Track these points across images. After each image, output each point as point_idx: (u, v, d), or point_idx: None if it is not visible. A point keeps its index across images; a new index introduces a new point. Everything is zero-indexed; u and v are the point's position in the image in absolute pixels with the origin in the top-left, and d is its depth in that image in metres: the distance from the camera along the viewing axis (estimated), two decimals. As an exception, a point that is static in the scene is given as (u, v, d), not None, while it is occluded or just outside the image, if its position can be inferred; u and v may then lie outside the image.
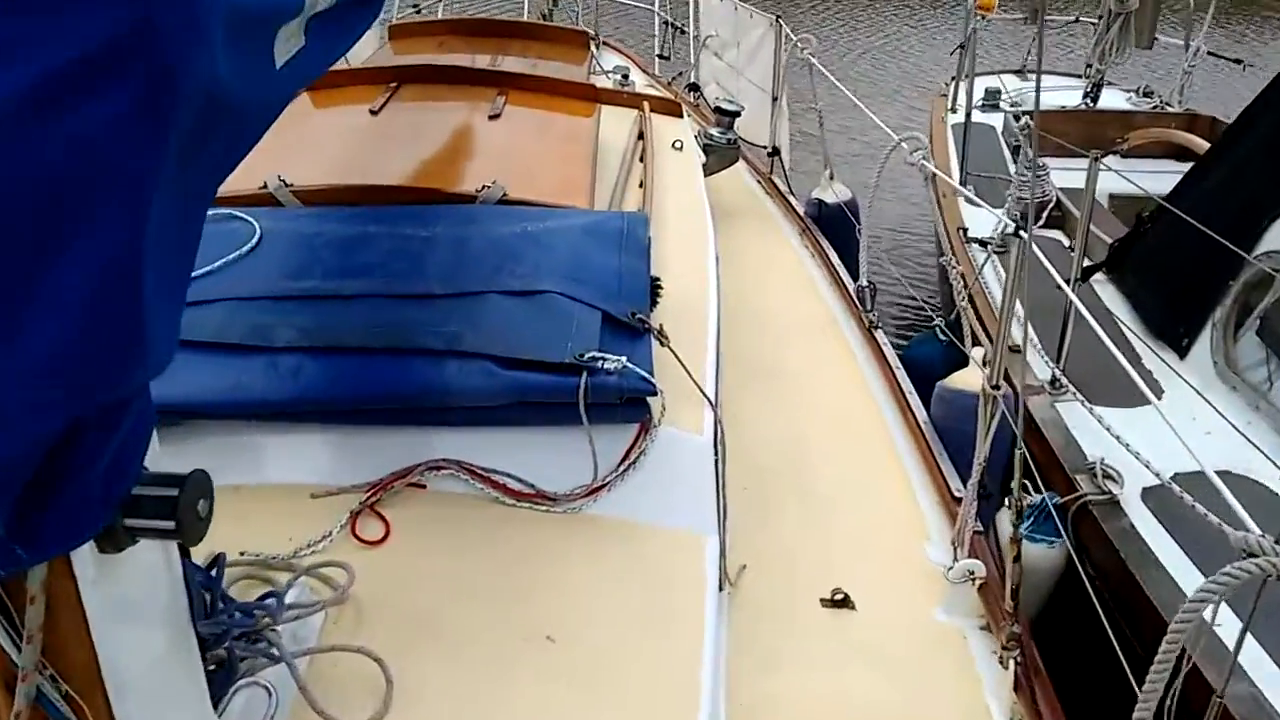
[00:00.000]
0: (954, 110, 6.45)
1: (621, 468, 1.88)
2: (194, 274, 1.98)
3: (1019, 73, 7.36)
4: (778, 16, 4.96)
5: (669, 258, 2.53)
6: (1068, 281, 3.10)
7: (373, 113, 2.91)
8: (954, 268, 3.30)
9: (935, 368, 3.92)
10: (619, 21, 9.70)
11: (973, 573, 2.34)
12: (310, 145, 2.66)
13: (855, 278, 4.32)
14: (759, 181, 5.24)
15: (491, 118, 2.94)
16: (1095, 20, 7.20)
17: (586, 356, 1.81)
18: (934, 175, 3.44)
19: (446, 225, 2.20)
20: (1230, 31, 12.71)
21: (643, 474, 1.90)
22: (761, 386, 3.31)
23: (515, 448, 1.86)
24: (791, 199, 4.94)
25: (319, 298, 1.95)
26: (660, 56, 6.90)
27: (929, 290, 5.81)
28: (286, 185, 2.32)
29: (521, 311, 1.94)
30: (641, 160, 3.18)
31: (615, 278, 2.10)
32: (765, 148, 5.28)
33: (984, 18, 6.55)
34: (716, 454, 2.05)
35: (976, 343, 3.19)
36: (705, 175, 3.86)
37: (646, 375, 1.83)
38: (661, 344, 2.03)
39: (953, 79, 6.86)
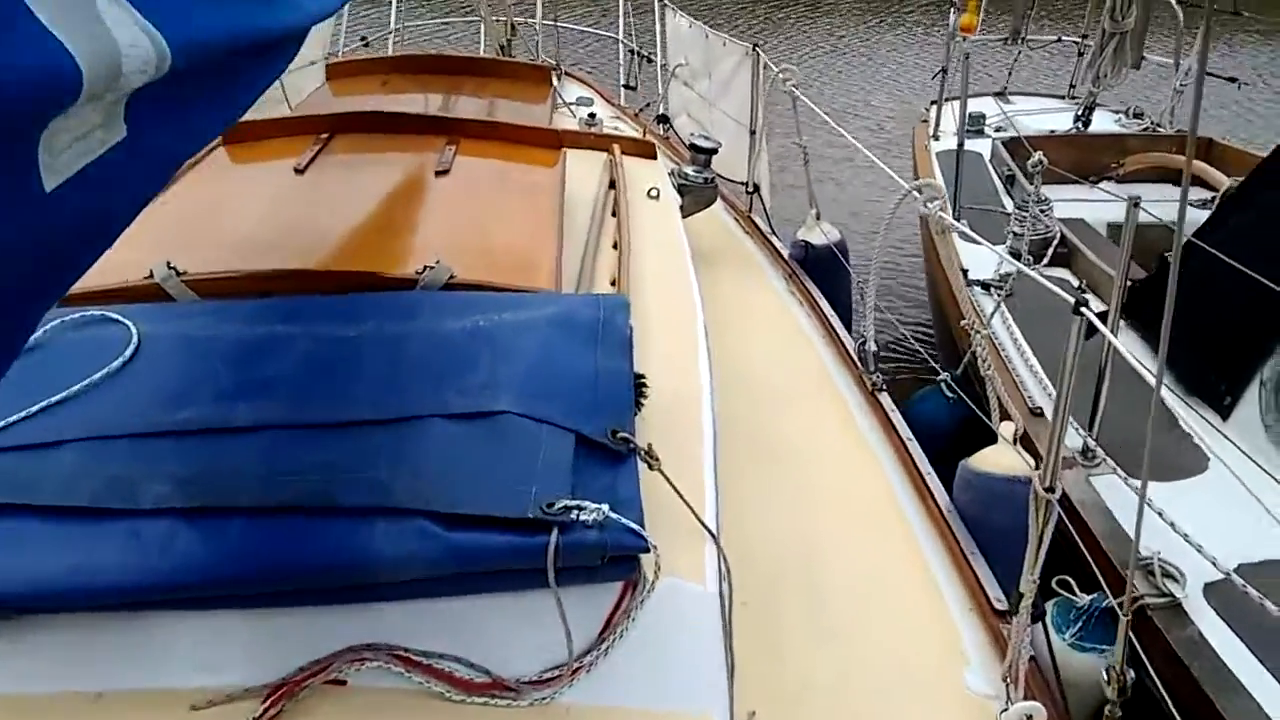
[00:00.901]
0: (936, 137, 6.14)
1: (604, 641, 1.45)
2: (38, 406, 1.54)
3: (1000, 95, 7.06)
4: (754, 45, 4.59)
5: (650, 339, 2.12)
6: (1088, 331, 2.74)
7: (297, 171, 2.48)
8: (974, 330, 2.92)
9: (941, 427, 3.54)
10: (581, 50, 9.32)
11: (1031, 717, 1.94)
12: (218, 217, 2.22)
13: (848, 327, 3.95)
14: (737, 220, 4.86)
15: (439, 173, 2.52)
16: (1078, 40, 6.94)
17: (556, 508, 1.38)
18: (926, 210, 3.06)
19: (378, 320, 1.77)
20: (1221, 47, 12.55)
21: (631, 645, 1.48)
22: (755, 467, 2.90)
23: (461, 622, 1.43)
24: (774, 240, 4.56)
25: (204, 433, 1.51)
26: (626, 86, 6.52)
27: (919, 331, 5.44)
28: (178, 274, 1.88)
29: (471, 443, 1.51)
30: (614, 214, 2.78)
31: (590, 385, 1.68)
32: (743, 184, 4.89)
33: (965, 39, 6.26)
34: (723, 602, 1.64)
35: (1006, 416, 2.80)
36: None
37: (635, 527, 1.41)
38: (651, 467, 1.61)
39: (933, 103, 6.55)
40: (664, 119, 5.98)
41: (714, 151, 4.22)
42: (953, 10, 6.20)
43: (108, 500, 1.37)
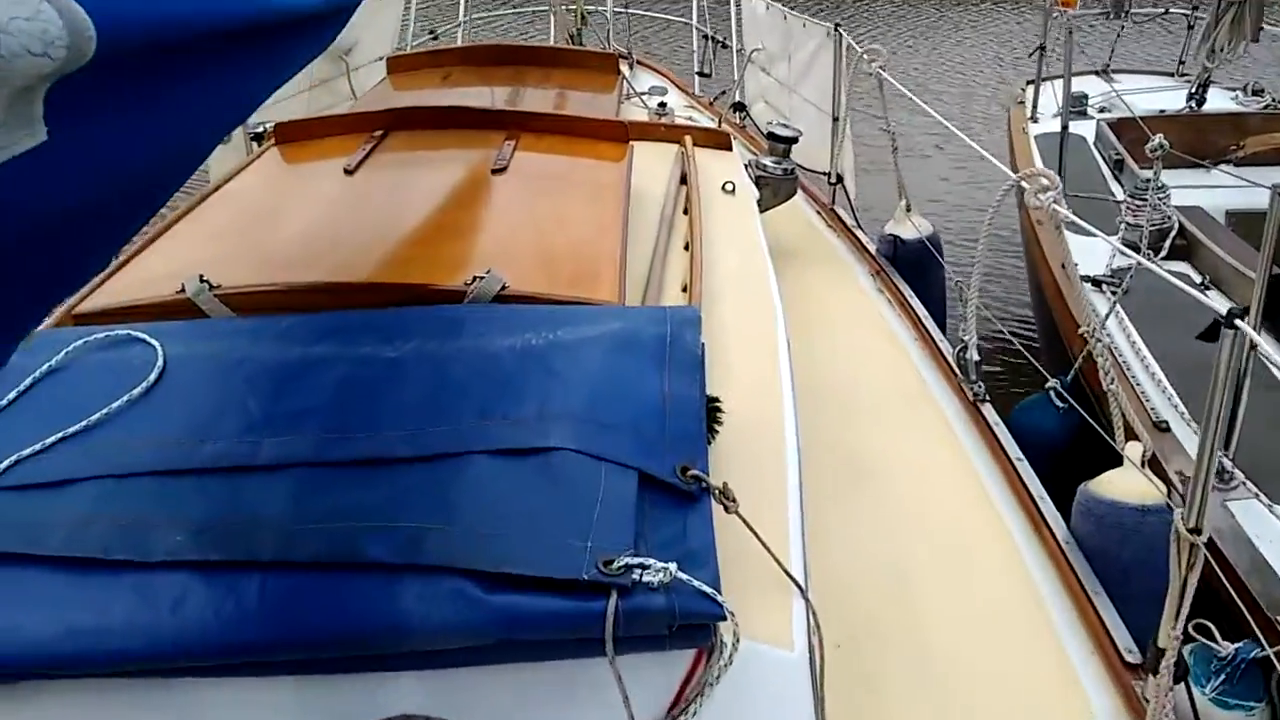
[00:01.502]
0: (1035, 119, 5.74)
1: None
2: (53, 438, 1.39)
3: (1102, 73, 6.60)
4: (836, 25, 4.30)
5: (725, 353, 1.89)
6: (1211, 332, 2.40)
7: (347, 172, 2.31)
8: (1090, 336, 2.60)
9: (1051, 440, 3.22)
10: (654, 37, 9.07)
11: (1177, 798, 1.67)
12: (262, 223, 2.06)
13: (942, 328, 3.65)
14: (819, 213, 4.58)
15: (495, 171, 2.32)
16: (1188, 12, 6.44)
17: (616, 566, 1.17)
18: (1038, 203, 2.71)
19: (421, 338, 1.58)
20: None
21: None
22: (844, 489, 2.64)
23: (510, 693, 1.23)
24: (860, 234, 4.27)
25: (225, 471, 1.33)
26: (700, 74, 6.27)
27: (1020, 330, 5.07)
28: (211, 288, 1.72)
29: (519, 486, 1.30)
30: (686, 212, 2.55)
31: (656, 413, 1.45)
32: (825, 175, 4.61)
33: (1065, 13, 5.84)
34: (813, 666, 1.40)
35: (1132, 435, 2.48)
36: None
37: (709, 590, 1.18)
38: (727, 509, 1.39)
39: (1029, 83, 6.15)
40: (740, 107, 5.72)
41: (794, 140, 3.96)
42: (1051, -17, 5.78)
43: (119, 550, 1.20)
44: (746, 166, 4.00)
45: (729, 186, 2.86)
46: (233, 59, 0.99)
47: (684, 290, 2.13)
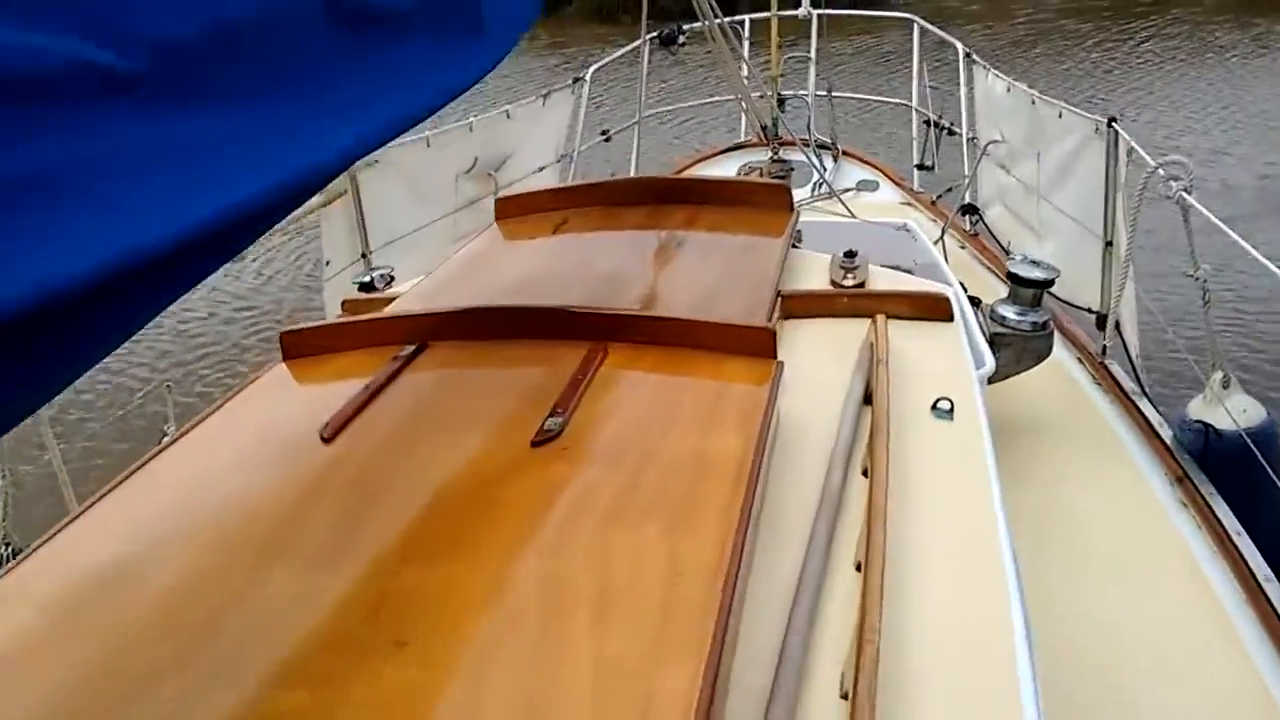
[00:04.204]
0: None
1: None
2: None
3: None
4: (1111, 119, 3.12)
5: None
6: None
7: (325, 439, 1.48)
8: None
9: None
10: (864, 123, 7.82)
11: None
12: (148, 559, 1.25)
13: (1276, 569, 2.40)
14: (1084, 364, 3.37)
15: (539, 442, 1.41)
16: None
17: None
18: None
19: None
20: None
21: None
22: None
23: None
24: (1146, 407, 3.02)
25: None
26: (920, 167, 5.19)
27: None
28: None
29: None
30: (866, 474, 1.54)
31: None
32: (1091, 312, 3.41)
33: None
34: None
35: None
36: (994, 380, 2.19)
37: None
38: None
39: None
40: (971, 209, 4.58)
41: (1048, 284, 2.84)
42: None
43: None
44: (979, 312, 2.91)
45: (944, 405, 1.79)
46: None
47: (844, 697, 1.13)
